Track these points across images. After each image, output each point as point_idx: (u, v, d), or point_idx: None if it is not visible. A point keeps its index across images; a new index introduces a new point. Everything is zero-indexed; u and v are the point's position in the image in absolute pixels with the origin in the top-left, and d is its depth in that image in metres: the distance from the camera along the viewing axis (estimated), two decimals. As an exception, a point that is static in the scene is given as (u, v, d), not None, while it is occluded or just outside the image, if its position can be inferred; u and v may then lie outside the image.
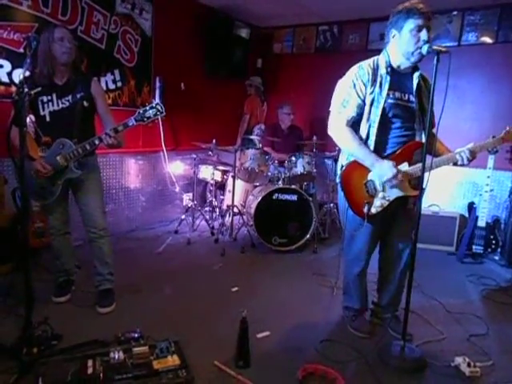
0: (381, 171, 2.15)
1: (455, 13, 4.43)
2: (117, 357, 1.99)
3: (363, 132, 2.24)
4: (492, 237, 3.99)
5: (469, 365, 2.08)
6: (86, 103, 2.46)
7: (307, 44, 5.43)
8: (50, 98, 2.41)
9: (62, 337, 2.19)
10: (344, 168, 2.30)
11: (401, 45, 2.14)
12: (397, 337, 2.36)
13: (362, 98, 2.20)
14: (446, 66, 1.93)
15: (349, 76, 2.26)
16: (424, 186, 2.06)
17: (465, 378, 2.05)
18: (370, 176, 2.22)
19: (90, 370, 1.89)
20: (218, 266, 3.47)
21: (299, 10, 4.78)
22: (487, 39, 4.36)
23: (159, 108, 2.38)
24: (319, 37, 5.33)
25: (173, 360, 2.01)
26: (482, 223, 3.96)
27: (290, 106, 4.78)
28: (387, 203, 2.19)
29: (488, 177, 3.90)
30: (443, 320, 2.66)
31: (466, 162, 2.10)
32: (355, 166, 2.25)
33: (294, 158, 4.11)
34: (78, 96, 2.44)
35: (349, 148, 2.24)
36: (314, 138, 4.24)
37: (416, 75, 2.21)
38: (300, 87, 5.52)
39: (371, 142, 2.21)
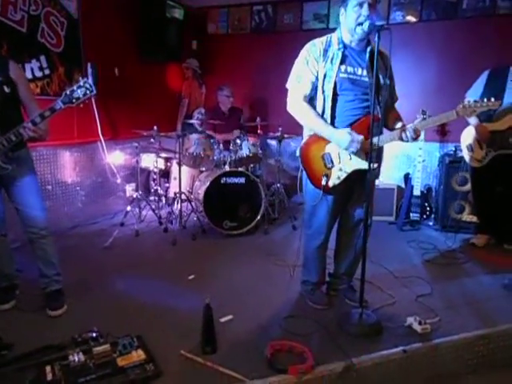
0: (339, 139, 2.22)
1: (382, -8, 4.61)
2: (77, 359, 1.89)
3: (319, 107, 2.31)
4: (426, 204, 4.31)
5: (420, 323, 2.24)
6: (6, 89, 2.20)
7: (242, 24, 5.38)
8: None
9: (12, 345, 2.04)
10: (303, 142, 2.37)
11: (346, 22, 2.22)
12: (353, 305, 2.49)
13: (315, 74, 2.27)
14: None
15: (302, 53, 2.33)
16: (379, 160, 2.17)
17: (417, 335, 2.21)
18: (328, 148, 2.29)
19: (49, 377, 1.79)
20: (171, 255, 3.41)
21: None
22: (412, 18, 4.59)
23: (88, 86, 2.18)
24: (254, 17, 5.29)
25: (138, 355, 1.95)
26: (417, 192, 4.25)
27: (229, 88, 4.74)
28: (345, 175, 2.28)
29: (420, 148, 4.17)
30: (392, 285, 2.83)
31: (410, 140, 2.21)
32: (313, 140, 2.33)
33: (238, 141, 4.09)
34: None
35: (307, 121, 2.33)
36: (258, 119, 4.24)
37: (368, 49, 2.28)
38: (237, 68, 5.48)
39: (327, 117, 2.29)
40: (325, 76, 2.26)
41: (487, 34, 4.29)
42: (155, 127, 4.01)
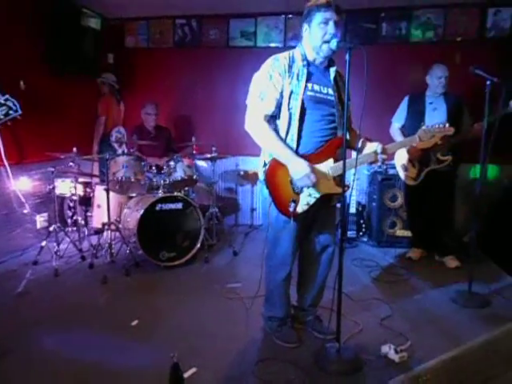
0: (295, 169, 2.06)
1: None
2: None
3: (283, 127, 2.13)
4: (362, 221, 4.40)
5: (396, 351, 2.16)
6: None
7: (164, 38, 5.04)
8: None
9: None
10: (268, 165, 2.16)
11: (311, 39, 2.11)
12: (322, 338, 2.33)
13: (280, 90, 2.10)
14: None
15: (264, 68, 2.14)
16: (349, 184, 2.06)
17: (396, 365, 2.12)
18: None
19: None
20: (103, 298, 2.93)
21: (153, -1, 4.39)
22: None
23: (11, 105, 1.77)
24: (177, 31, 5.00)
25: None
26: (352, 210, 4.32)
27: (153, 105, 4.42)
28: (313, 200, 2.12)
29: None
30: (354, 310, 2.73)
31: (380, 161, 2.15)
32: (280, 163, 2.12)
33: (172, 163, 3.75)
34: None
35: (266, 143, 2.14)
36: (193, 139, 3.96)
37: (332, 69, 2.19)
38: (160, 84, 5.11)
39: (293, 137, 2.11)
40: (291, 93, 2.10)
41: (403, 60, 4.59)
42: (74, 149, 3.52)
